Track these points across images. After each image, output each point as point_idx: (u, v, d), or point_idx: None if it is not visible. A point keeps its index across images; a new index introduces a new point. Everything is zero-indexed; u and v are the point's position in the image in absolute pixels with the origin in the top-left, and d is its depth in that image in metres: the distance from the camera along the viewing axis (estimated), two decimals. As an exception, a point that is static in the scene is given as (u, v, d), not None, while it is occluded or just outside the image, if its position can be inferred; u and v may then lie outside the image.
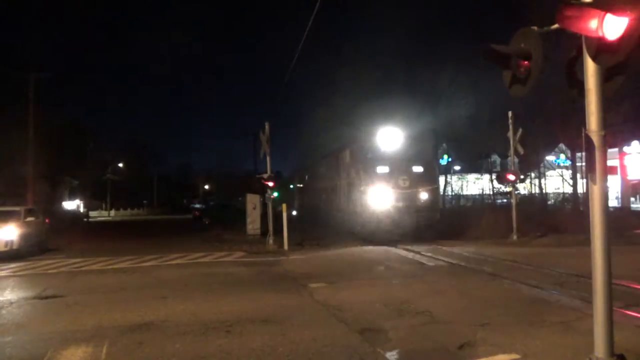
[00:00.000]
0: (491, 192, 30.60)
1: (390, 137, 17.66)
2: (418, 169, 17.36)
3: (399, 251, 14.46)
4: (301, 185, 34.77)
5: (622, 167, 30.07)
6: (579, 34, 3.36)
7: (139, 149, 66.65)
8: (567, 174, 29.76)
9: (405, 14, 31.83)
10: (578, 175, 26.68)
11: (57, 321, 6.59)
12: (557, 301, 7.10)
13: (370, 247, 15.39)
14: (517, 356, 4.67)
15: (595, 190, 3.51)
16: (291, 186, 38.66)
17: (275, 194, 16.49)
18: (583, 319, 5.79)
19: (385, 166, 17.23)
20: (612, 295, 3.50)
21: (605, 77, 3.45)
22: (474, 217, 19.96)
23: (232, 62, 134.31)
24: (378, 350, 5.00)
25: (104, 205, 65.54)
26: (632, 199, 31.87)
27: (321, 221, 24.56)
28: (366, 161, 17.66)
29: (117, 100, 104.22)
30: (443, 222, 18.02)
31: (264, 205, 19.03)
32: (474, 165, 37.11)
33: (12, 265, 12.88)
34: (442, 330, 5.73)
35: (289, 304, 7.38)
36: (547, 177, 32.15)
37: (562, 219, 19.42)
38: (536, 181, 30.13)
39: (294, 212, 34.65)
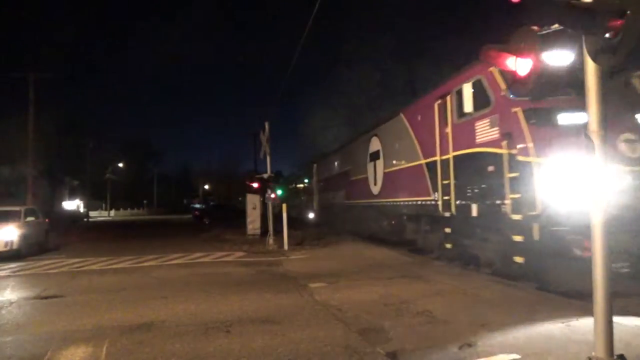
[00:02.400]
0: None
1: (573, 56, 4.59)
2: None
3: None
4: (325, 177, 24.19)
5: (622, 167, 30.06)
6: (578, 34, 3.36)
7: (138, 148, 66.77)
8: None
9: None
10: (578, 175, 26.65)
11: (57, 321, 6.60)
12: (556, 301, 7.09)
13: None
14: (517, 356, 4.67)
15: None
16: (306, 180, 30.02)
17: (279, 192, 16.45)
18: (583, 319, 5.78)
19: (578, 110, 7.02)
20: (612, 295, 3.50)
21: (605, 77, 3.46)
22: None
23: (232, 61, 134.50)
24: (378, 350, 5.00)
25: (103, 205, 65.71)
26: (632, 198, 31.83)
27: (379, 235, 15.75)
28: (526, 103, 7.64)
29: (118, 100, 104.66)
30: None
31: (264, 205, 19.05)
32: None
33: (12, 265, 12.90)
34: (442, 330, 5.72)
35: (289, 304, 7.38)
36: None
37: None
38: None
39: (311, 215, 27.48)
